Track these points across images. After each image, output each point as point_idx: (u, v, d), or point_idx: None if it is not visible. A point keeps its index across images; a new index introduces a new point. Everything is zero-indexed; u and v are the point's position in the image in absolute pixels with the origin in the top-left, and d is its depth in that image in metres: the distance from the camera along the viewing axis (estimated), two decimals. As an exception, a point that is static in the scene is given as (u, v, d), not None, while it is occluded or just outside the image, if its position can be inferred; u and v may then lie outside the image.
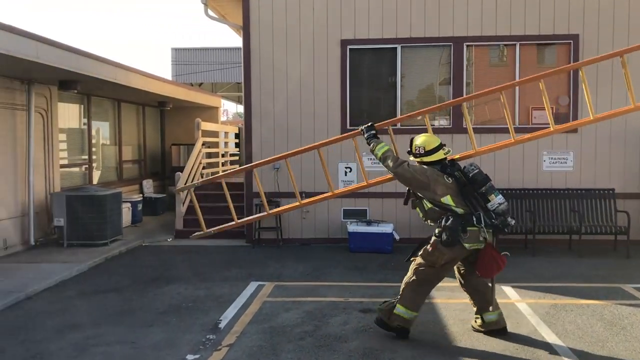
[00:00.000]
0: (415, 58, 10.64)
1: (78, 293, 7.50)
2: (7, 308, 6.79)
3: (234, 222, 6.47)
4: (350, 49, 10.60)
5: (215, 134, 15.03)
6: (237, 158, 17.64)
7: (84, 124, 12.98)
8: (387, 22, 10.50)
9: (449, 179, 5.35)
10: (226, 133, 15.82)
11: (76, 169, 12.71)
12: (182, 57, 27.90)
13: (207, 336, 5.74)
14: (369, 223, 10.09)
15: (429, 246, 5.39)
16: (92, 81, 10.42)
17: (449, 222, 5.21)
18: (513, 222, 5.39)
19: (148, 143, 16.52)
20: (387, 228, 9.90)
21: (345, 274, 8.36)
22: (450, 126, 10.56)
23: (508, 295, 7.10)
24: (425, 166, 5.49)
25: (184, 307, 6.73)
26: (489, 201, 5.25)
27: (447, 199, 5.28)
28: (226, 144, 15.93)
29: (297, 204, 6.40)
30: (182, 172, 12.25)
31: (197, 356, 5.24)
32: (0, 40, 7.24)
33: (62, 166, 11.68)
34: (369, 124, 5.81)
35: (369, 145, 5.70)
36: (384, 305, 5.68)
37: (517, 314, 6.37)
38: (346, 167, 10.63)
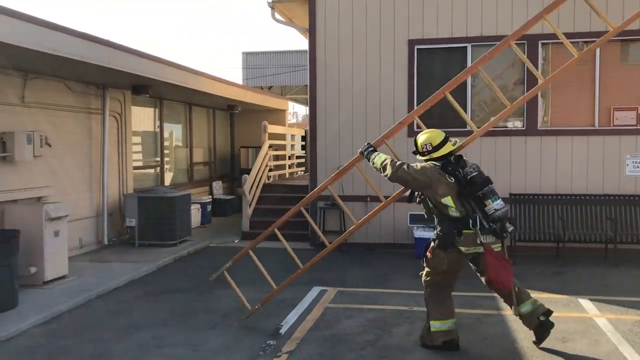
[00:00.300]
0: (486, 57, 10.23)
1: (145, 293, 7.67)
2: (79, 306, 7.02)
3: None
4: (418, 49, 10.34)
5: (281, 136, 15.12)
6: (303, 160, 17.69)
7: (157, 127, 13.38)
8: (457, 20, 10.16)
9: (451, 178, 5.18)
10: (293, 135, 15.89)
11: (149, 171, 13.12)
12: (252, 61, 28.35)
13: (268, 342, 5.70)
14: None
15: (428, 252, 5.33)
16: (163, 85, 10.70)
17: (444, 224, 5.17)
18: (512, 228, 5.17)
19: (218, 145, 16.85)
20: (455, 234, 9.55)
21: (411, 282, 8.10)
22: (524, 128, 10.08)
23: (586, 309, 6.63)
24: (426, 165, 5.32)
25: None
26: (485, 206, 5.05)
27: (448, 200, 5.14)
28: (292, 146, 15.99)
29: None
30: (249, 174, 12.39)
31: (256, 362, 5.20)
32: (76, 47, 7.52)
33: (135, 168, 12.08)
34: (366, 144, 5.85)
35: (369, 161, 5.70)
36: (423, 332, 5.55)
37: (596, 330, 5.93)
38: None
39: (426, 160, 5.40)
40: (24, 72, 8.45)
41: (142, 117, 12.82)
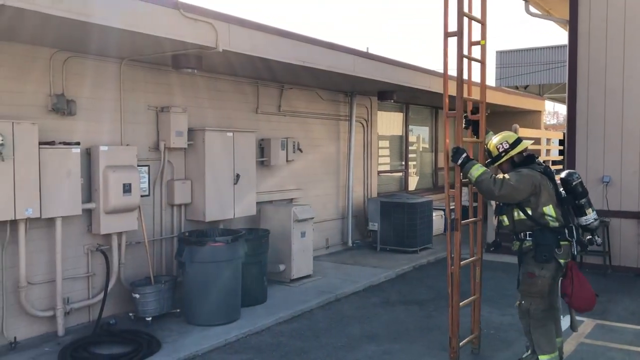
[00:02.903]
0: None
1: (382, 301, 7.59)
2: (319, 307, 7.25)
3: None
4: None
5: (536, 140, 13.82)
6: (560, 167, 15.97)
7: (402, 131, 13.38)
8: None
9: (551, 184, 4.83)
10: (548, 139, 14.44)
11: (393, 175, 13.19)
12: (507, 60, 26.83)
13: (506, 376, 5.06)
14: None
15: (527, 277, 4.85)
16: (408, 90, 10.58)
17: (542, 234, 4.74)
18: (600, 241, 5.06)
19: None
20: None
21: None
22: None
23: None
24: (524, 171, 4.82)
25: (485, 334, 6.10)
26: (585, 215, 4.84)
27: (550, 209, 4.76)
28: (548, 151, 14.54)
29: None
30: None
31: (491, 399, 4.63)
32: (323, 57, 7.80)
33: (379, 172, 12.24)
34: (455, 148, 5.14)
35: (462, 169, 5.06)
36: None
37: None
38: None
39: (506, 161, 5.00)
40: (281, 83, 9.11)
41: (388, 122, 12.93)
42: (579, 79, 9.45)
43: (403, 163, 13.44)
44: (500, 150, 5.05)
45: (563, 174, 4.99)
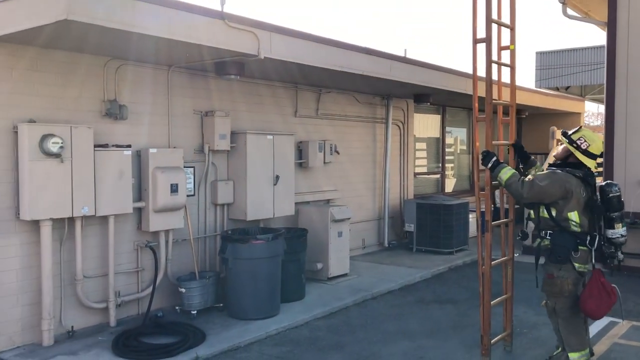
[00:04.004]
0: None
1: (417, 300, 7.77)
2: (355, 305, 7.48)
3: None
4: None
5: (574, 142, 13.73)
6: (600, 169, 15.77)
7: (439, 134, 13.49)
8: None
9: (584, 192, 4.85)
10: (588, 141, 14.31)
11: (429, 177, 13.30)
12: (547, 61, 26.48)
13: (537, 373, 5.20)
14: None
15: (546, 277, 4.97)
16: (444, 93, 10.72)
17: (561, 236, 4.83)
18: (622, 257, 4.97)
19: (504, 151, 16.17)
20: None
21: None
22: None
23: None
24: (559, 173, 4.89)
25: (518, 333, 6.23)
26: (613, 228, 4.83)
27: (574, 215, 4.81)
28: (588, 153, 14.41)
29: None
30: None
31: (520, 393, 4.78)
32: (359, 62, 8.04)
33: (416, 174, 12.38)
34: (485, 152, 5.39)
35: (492, 172, 5.26)
36: None
37: None
38: None
39: (562, 153, 5.05)
40: (318, 87, 9.39)
41: (425, 124, 13.06)
42: (617, 81, 9.40)
43: (440, 165, 13.54)
44: (579, 143, 4.93)
45: (603, 183, 4.99)
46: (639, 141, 9.26)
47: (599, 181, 5.15)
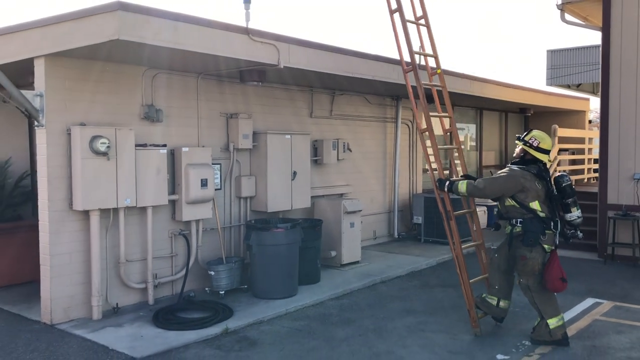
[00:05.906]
0: None
1: (422, 284, 8.55)
2: (366, 287, 8.28)
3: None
4: None
5: (576, 139, 14.37)
6: (580, 167, 16.38)
7: (448, 132, 14.14)
8: None
9: (539, 184, 5.72)
10: (590, 139, 14.93)
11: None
12: (558, 59, 26.92)
13: (523, 341, 5.96)
14: None
15: (520, 259, 5.78)
16: (451, 93, 11.40)
17: (531, 223, 5.66)
18: (581, 235, 5.93)
19: (509, 149, 16.84)
20: None
21: None
22: None
23: None
24: (515, 168, 5.84)
25: (510, 311, 6.98)
26: (570, 212, 5.75)
27: (536, 204, 5.69)
28: (590, 150, 15.02)
29: None
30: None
31: (507, 357, 5.56)
32: (370, 68, 8.82)
33: (424, 170, 13.11)
34: (438, 180, 6.51)
35: (451, 192, 6.22)
36: (540, 330, 5.82)
37: None
38: None
39: (524, 152, 5.87)
40: (332, 90, 10.18)
41: (433, 123, 13.71)
42: (611, 82, 10.06)
43: (448, 161, 14.23)
44: (531, 142, 5.88)
45: (557, 174, 5.93)
46: (631, 139, 9.91)
47: (557, 173, 6.15)
